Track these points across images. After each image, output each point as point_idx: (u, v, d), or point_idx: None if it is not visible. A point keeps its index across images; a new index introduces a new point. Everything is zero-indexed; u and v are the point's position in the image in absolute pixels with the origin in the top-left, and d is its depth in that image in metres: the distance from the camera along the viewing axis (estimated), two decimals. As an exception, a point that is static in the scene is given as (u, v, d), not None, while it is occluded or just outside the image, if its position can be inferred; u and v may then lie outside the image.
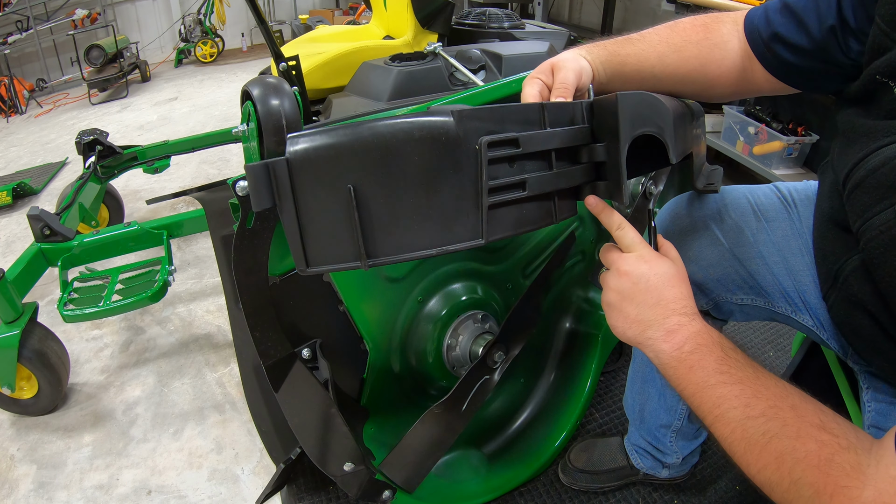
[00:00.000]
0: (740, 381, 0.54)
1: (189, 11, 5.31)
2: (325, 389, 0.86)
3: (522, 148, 0.49)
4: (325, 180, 0.46)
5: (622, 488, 1.20)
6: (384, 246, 0.47)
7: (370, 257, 0.47)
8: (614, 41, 0.74)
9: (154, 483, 1.28)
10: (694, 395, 0.56)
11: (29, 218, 1.54)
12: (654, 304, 0.61)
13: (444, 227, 0.47)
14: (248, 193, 0.72)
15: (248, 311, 0.79)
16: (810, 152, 2.23)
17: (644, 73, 0.74)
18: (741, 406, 0.52)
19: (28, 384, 1.44)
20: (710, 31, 0.73)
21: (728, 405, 0.53)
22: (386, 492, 0.95)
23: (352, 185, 0.45)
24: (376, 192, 0.45)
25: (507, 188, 0.49)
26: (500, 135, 0.47)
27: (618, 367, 1.51)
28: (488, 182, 0.47)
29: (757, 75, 0.72)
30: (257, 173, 0.47)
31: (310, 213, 0.47)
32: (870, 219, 0.56)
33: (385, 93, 1.49)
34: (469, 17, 2.03)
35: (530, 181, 0.50)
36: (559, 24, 2.40)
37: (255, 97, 1.05)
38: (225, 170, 2.92)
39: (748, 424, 0.51)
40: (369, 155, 0.45)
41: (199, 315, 1.85)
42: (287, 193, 0.47)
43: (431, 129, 0.44)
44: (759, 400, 0.52)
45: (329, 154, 0.45)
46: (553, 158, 0.54)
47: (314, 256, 0.49)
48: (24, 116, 4.09)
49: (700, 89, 0.76)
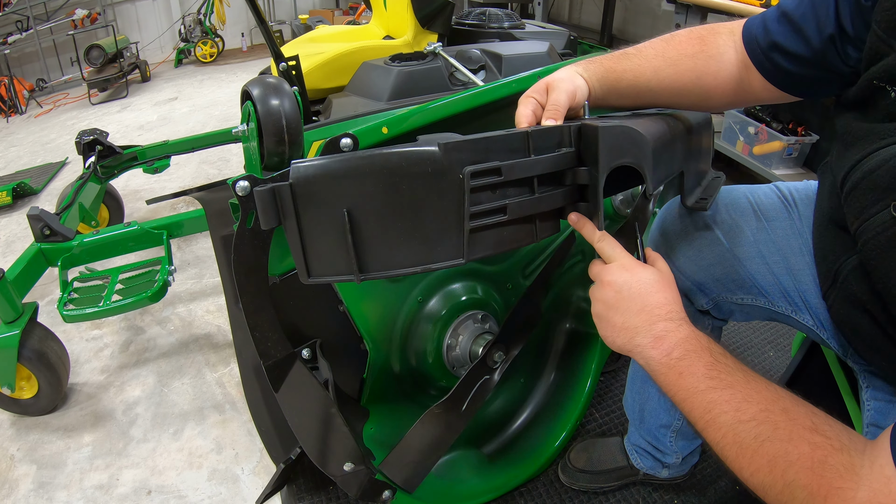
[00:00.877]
0: (730, 386, 0.54)
1: (189, 11, 5.31)
2: (325, 389, 0.86)
3: (504, 176, 0.52)
4: (323, 204, 0.51)
5: (622, 488, 1.20)
6: (374, 263, 0.52)
7: (362, 272, 0.53)
8: (610, 56, 0.75)
9: (154, 483, 1.28)
10: (685, 401, 0.57)
11: (29, 218, 1.54)
12: (638, 311, 0.61)
13: (428, 248, 0.52)
14: (248, 194, 0.73)
15: (248, 311, 0.79)
16: (810, 152, 2.23)
17: (640, 87, 0.74)
18: (732, 410, 0.53)
19: (28, 384, 1.44)
20: (705, 44, 0.74)
21: (718, 410, 0.53)
22: (386, 492, 0.95)
23: (346, 209, 0.50)
24: (368, 216, 0.50)
25: (488, 213, 0.53)
26: (482, 165, 0.50)
27: (618, 367, 1.51)
28: (470, 208, 0.51)
29: (754, 85, 0.73)
30: (264, 197, 0.54)
31: (310, 231, 0.53)
32: (867, 220, 0.56)
33: (385, 93, 1.49)
34: (469, 17, 2.03)
35: (511, 206, 0.54)
36: (559, 24, 2.40)
37: (255, 97, 1.05)
38: (225, 170, 2.92)
39: (739, 429, 0.52)
40: (362, 183, 0.50)
41: (199, 315, 1.85)
42: (290, 214, 0.53)
43: (419, 159, 0.48)
44: (750, 404, 0.52)
45: (326, 181, 0.51)
46: (535, 184, 0.57)
47: (314, 268, 0.54)
48: (24, 116, 4.09)
49: (697, 101, 0.77)
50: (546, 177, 0.59)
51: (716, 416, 0.53)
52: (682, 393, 0.57)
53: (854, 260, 0.65)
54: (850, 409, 0.90)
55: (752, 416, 0.51)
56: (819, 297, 0.77)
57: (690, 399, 0.56)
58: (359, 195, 0.50)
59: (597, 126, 0.59)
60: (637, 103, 0.78)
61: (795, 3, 0.67)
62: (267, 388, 1.01)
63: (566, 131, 0.62)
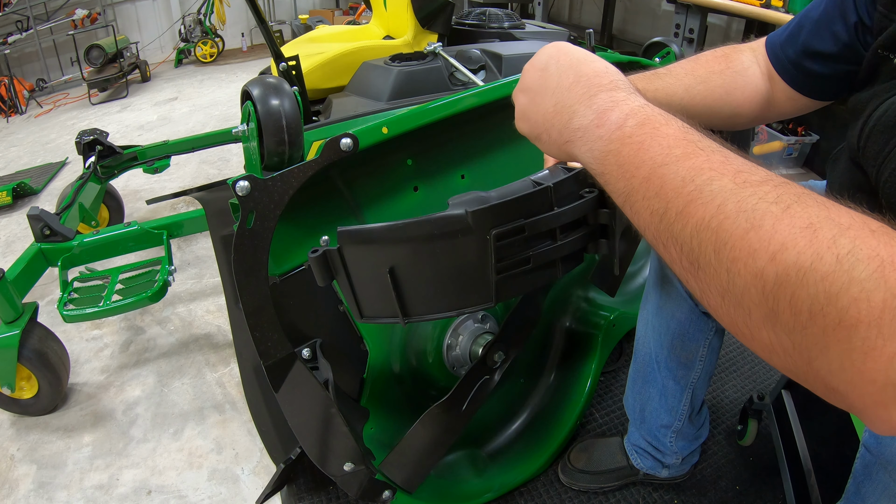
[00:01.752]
0: (720, 151, 0.38)
1: (189, 11, 5.31)
2: (325, 389, 0.86)
3: (528, 233, 0.57)
4: (367, 264, 0.60)
5: (622, 488, 1.20)
6: (415, 309, 0.60)
7: (405, 316, 0.60)
8: (642, 77, 0.75)
9: (154, 483, 1.28)
10: (648, 180, 0.39)
11: (29, 218, 1.54)
12: (572, 84, 0.47)
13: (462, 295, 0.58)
14: (248, 194, 0.73)
15: (248, 311, 0.79)
16: (810, 152, 2.23)
17: (673, 106, 0.75)
18: (731, 173, 0.35)
19: (28, 384, 1.44)
20: (731, 61, 0.76)
21: (709, 176, 0.36)
22: (386, 492, 0.95)
23: (389, 267, 0.57)
24: (407, 272, 0.58)
25: (513, 265, 0.58)
26: (507, 226, 0.55)
27: (618, 367, 1.51)
28: (496, 264, 0.56)
29: (779, 97, 0.75)
30: (318, 261, 0.61)
31: (358, 283, 0.62)
32: (883, 161, 0.57)
33: (385, 93, 1.49)
34: (469, 17, 2.03)
35: (535, 256, 0.58)
36: (559, 24, 2.40)
37: (255, 97, 1.05)
38: (225, 170, 2.92)
39: (744, 194, 0.34)
40: (401, 248, 0.57)
41: (199, 315, 1.85)
42: (341, 271, 0.62)
43: (449, 224, 0.54)
44: (756, 169, 0.36)
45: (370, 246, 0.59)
46: (557, 232, 0.60)
47: (366, 310, 0.63)
48: (24, 116, 4.09)
49: (727, 118, 0.78)
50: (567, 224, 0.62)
51: (703, 183, 0.36)
52: (645, 169, 0.39)
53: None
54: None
55: (762, 178, 0.35)
56: None
57: (660, 172, 0.38)
58: (398, 256, 0.57)
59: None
60: None
61: (818, 7, 0.70)
62: (267, 388, 1.01)
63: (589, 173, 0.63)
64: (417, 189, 0.95)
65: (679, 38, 2.61)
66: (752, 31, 3.20)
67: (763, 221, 0.32)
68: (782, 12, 2.11)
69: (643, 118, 0.42)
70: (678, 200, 0.36)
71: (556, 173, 0.62)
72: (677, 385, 1.02)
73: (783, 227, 0.31)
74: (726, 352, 1.58)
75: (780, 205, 0.33)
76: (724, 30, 3.68)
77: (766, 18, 2.17)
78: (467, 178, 0.99)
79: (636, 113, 0.42)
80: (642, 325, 1.04)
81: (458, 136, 0.96)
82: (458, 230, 0.55)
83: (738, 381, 1.49)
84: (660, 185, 0.38)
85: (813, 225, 0.31)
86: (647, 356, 1.03)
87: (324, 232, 0.89)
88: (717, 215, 0.34)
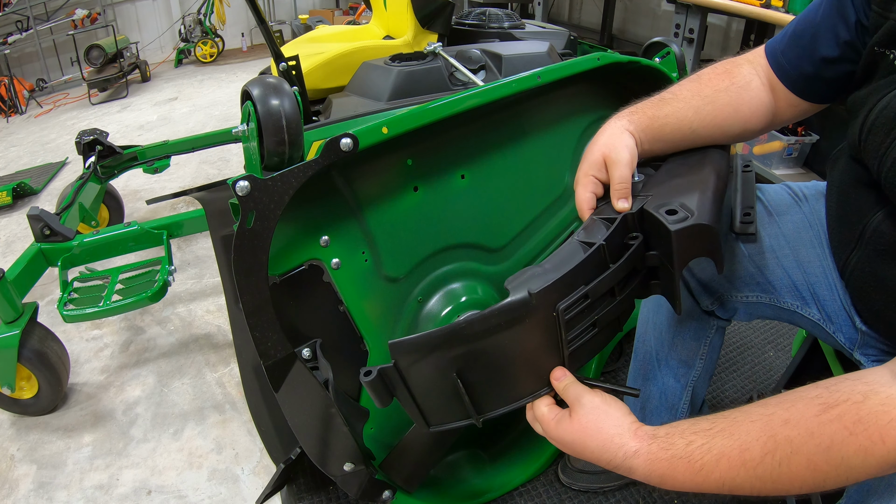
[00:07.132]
0: (724, 431, 0.51)
1: (189, 11, 5.30)
2: (325, 389, 0.86)
3: (591, 298, 0.56)
4: (432, 374, 0.57)
5: (622, 488, 1.20)
6: (489, 404, 0.57)
7: (480, 414, 0.58)
8: (650, 103, 0.75)
9: (154, 483, 1.28)
10: (698, 486, 0.53)
11: (29, 218, 1.54)
12: (600, 449, 0.58)
13: (535, 377, 0.57)
14: (248, 194, 0.73)
15: (248, 311, 0.79)
16: (810, 152, 2.23)
17: (684, 130, 0.75)
18: (738, 465, 0.50)
19: (28, 384, 1.44)
20: (733, 76, 0.76)
21: (729, 475, 0.50)
22: (386, 492, 0.95)
23: (455, 371, 0.54)
24: (477, 373, 0.55)
25: (582, 333, 0.57)
26: (571, 297, 0.54)
27: (618, 367, 1.51)
28: (567, 337, 0.55)
29: (781, 105, 0.76)
30: (374, 384, 0.58)
31: (422, 395, 0.59)
32: (885, 153, 0.59)
33: (385, 93, 1.49)
34: (469, 17, 2.03)
35: (600, 319, 0.57)
36: (559, 24, 2.40)
37: (255, 97, 1.05)
38: (225, 170, 2.92)
39: (759, 472, 0.49)
40: (465, 349, 0.54)
41: (199, 315, 1.85)
42: (401, 386, 0.58)
43: (512, 311, 0.52)
44: (751, 440, 0.50)
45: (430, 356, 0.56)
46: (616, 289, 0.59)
47: (432, 420, 0.60)
48: (24, 116, 4.09)
49: (737, 134, 0.78)
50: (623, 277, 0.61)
51: (729, 480, 0.50)
52: (686, 483, 0.53)
53: (881, 213, 0.66)
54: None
55: (760, 451, 0.49)
56: (829, 287, 0.78)
57: (696, 482, 0.52)
58: (464, 357, 0.54)
59: (669, 230, 0.58)
60: (680, 147, 0.78)
61: (817, 10, 0.70)
62: (267, 388, 1.01)
63: (630, 219, 0.63)
64: (417, 189, 0.95)
65: (679, 38, 2.61)
66: (751, 32, 3.20)
67: (780, 481, 0.49)
68: (782, 12, 2.11)
69: (649, 459, 0.54)
70: (724, 490, 0.51)
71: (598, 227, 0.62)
72: (678, 383, 1.02)
73: (795, 476, 0.48)
74: (726, 351, 1.58)
75: (785, 463, 0.47)
76: (724, 30, 3.68)
77: (766, 18, 2.17)
78: (467, 178, 0.99)
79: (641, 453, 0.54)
80: (642, 324, 1.04)
81: (459, 136, 0.96)
82: (524, 314, 0.53)
83: (738, 381, 1.49)
84: (704, 487, 0.51)
85: (811, 460, 0.47)
86: (648, 354, 1.03)
87: (324, 232, 0.89)
88: (760, 489, 0.50)
